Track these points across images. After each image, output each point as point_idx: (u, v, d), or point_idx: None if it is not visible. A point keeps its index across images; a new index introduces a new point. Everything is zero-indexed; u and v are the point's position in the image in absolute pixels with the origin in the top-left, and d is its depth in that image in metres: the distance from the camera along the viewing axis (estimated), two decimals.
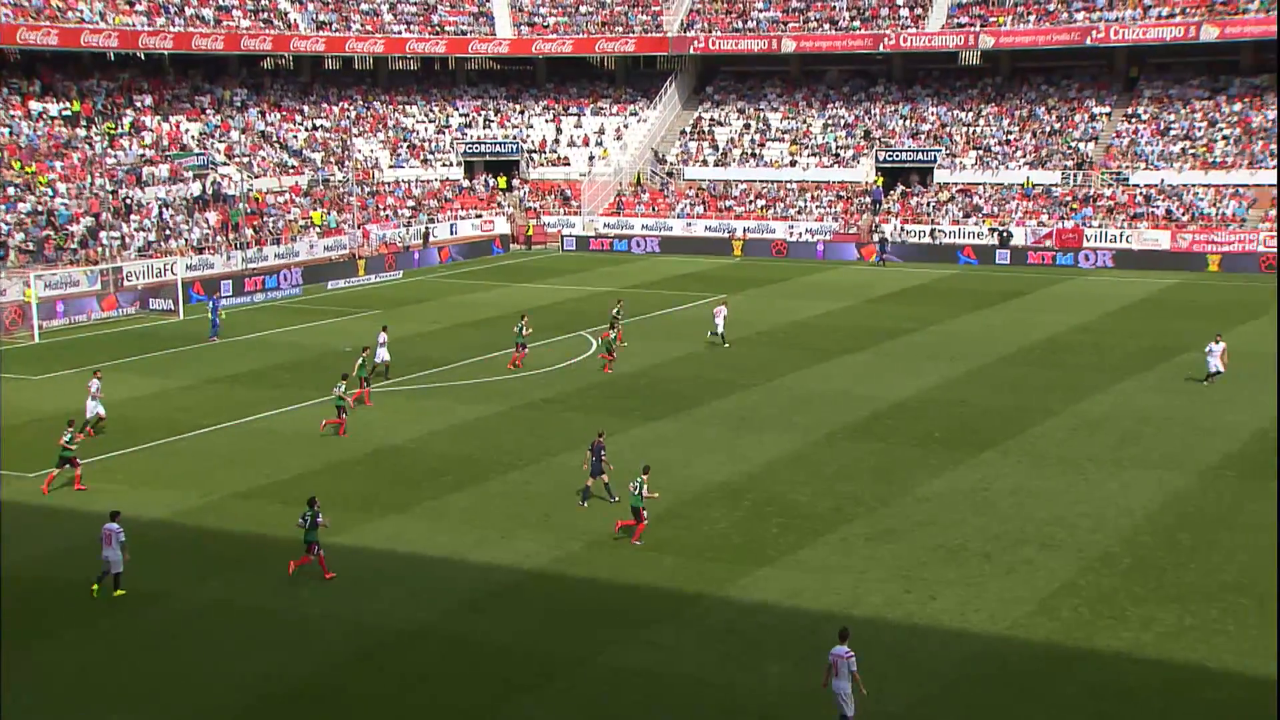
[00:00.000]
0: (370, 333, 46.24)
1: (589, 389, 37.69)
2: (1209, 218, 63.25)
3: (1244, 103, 69.24)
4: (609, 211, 77.17)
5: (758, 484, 28.30)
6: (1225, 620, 20.50)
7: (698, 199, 76.05)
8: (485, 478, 29.11)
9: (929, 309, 50.66)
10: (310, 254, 64.73)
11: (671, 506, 26.80)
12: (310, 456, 31.00)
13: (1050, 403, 34.69)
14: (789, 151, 77.56)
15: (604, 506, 26.87)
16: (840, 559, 23.67)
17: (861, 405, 34.95)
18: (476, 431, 33.28)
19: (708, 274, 63.47)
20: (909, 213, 70.25)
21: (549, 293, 58.05)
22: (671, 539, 24.94)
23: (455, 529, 25.72)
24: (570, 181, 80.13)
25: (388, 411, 35.55)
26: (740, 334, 46.07)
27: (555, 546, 24.62)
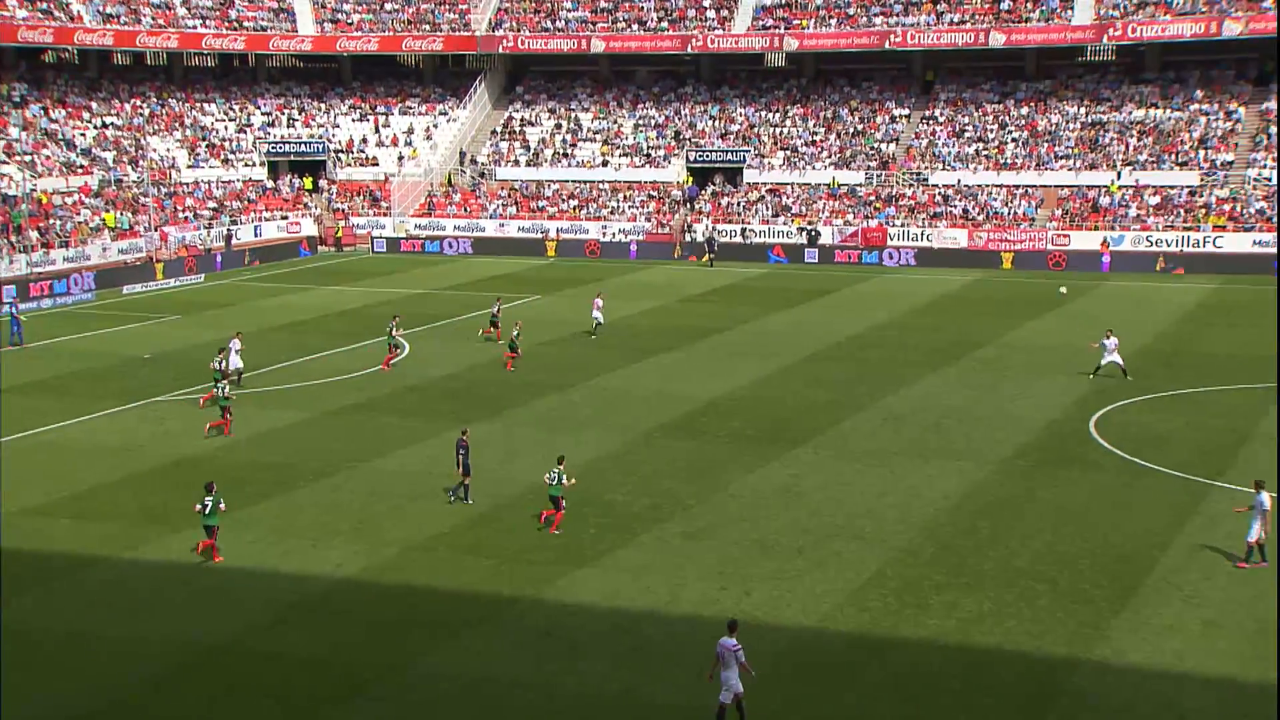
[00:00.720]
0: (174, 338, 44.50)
1: (402, 393, 37.11)
2: (1002, 217, 66.59)
3: (1030, 106, 73.18)
4: (420, 213, 76.16)
5: (576, 484, 28.35)
6: (1020, 604, 21.57)
7: (510, 199, 75.78)
8: (293, 486, 28.36)
9: (741, 307, 51.72)
10: (104, 257, 61.76)
11: (488, 510, 26.63)
12: (107, 468, 29.64)
13: (858, 398, 35.80)
14: (601, 152, 78.04)
15: (435, 511, 26.49)
16: (658, 558, 23.92)
17: (677, 404, 35.37)
18: (284, 439, 32.44)
19: (521, 275, 63.28)
20: (720, 212, 71.62)
21: (360, 295, 56.87)
22: (488, 542, 24.78)
23: (262, 539, 25.00)
24: (379, 182, 78.75)
25: (191, 420, 34.23)
26: (556, 334, 46.09)
27: (368, 554, 24.18)
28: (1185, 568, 22.83)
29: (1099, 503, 26.48)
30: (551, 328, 47.46)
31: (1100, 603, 21.50)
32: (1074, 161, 68.49)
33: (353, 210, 76.56)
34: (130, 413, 35.13)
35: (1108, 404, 34.21)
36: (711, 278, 60.70)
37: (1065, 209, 65.74)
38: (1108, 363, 36.97)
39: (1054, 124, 71.29)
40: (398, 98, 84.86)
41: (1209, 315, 48.17)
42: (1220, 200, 63.40)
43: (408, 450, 31.30)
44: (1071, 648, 19.90)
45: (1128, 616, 20.89)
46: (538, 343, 44.65)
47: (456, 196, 76.99)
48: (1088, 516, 25.66)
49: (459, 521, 25.95)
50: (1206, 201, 63.48)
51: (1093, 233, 63.51)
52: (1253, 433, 31.22)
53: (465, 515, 26.26)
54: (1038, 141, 70.53)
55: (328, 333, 47.14)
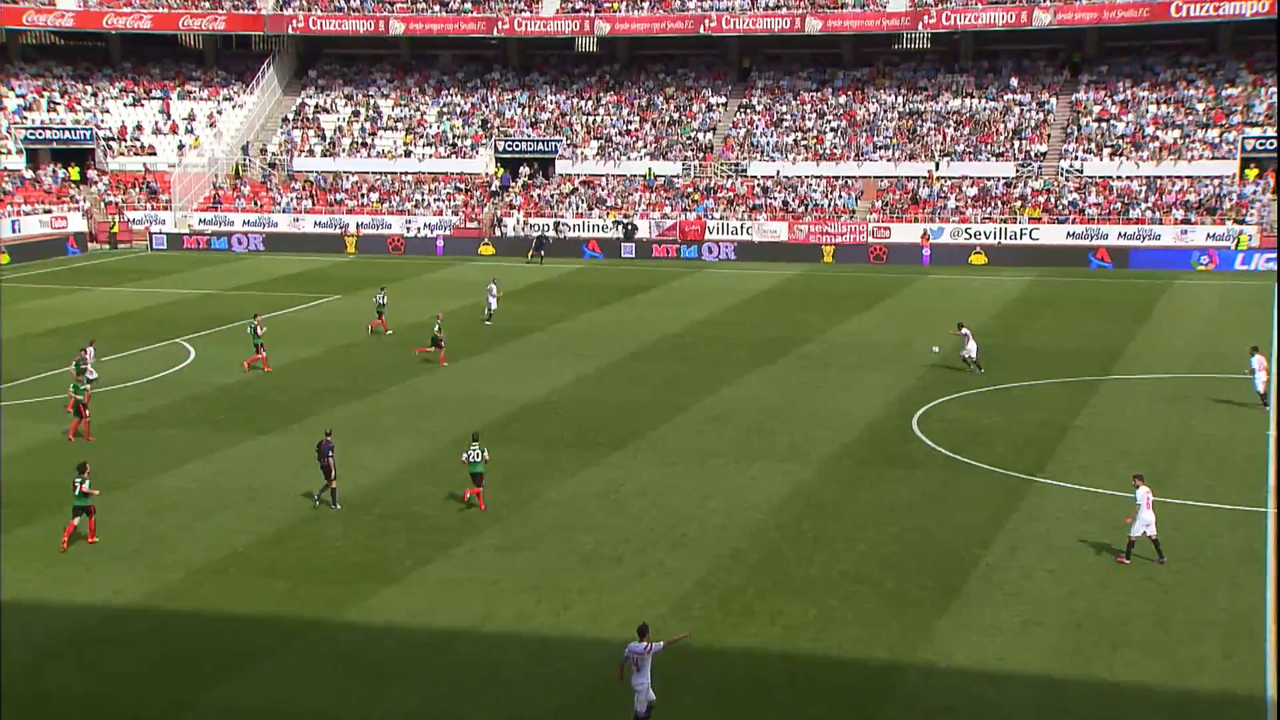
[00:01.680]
0: None
1: (186, 402, 35.91)
2: (822, 209, 68.58)
3: (848, 95, 75.58)
4: (205, 206, 73.77)
5: (382, 497, 27.96)
6: (845, 609, 22.19)
7: (305, 192, 74.12)
8: (63, 507, 27.08)
9: (556, 306, 51.81)
10: None
11: (284, 528, 25.99)
12: None
13: (679, 398, 36.25)
14: (403, 141, 77.09)
15: (225, 529, 25.64)
16: (470, 572, 23.76)
17: (490, 408, 35.23)
18: (52, 455, 31.04)
19: (319, 273, 61.96)
20: (531, 205, 71.61)
21: (138, 297, 54.71)
22: (285, 562, 24.18)
23: (28, 567, 23.84)
24: (158, 173, 75.97)
25: None
26: (359, 337, 45.31)
27: (150, 579, 23.29)
28: (1006, 565, 23.90)
29: (922, 501, 27.45)
30: (353, 330, 46.61)
31: (925, 604, 22.29)
32: (893, 152, 71.05)
33: (128, 204, 73.60)
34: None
35: (930, 400, 35.53)
36: (526, 274, 60.64)
37: (885, 200, 68.12)
38: (967, 355, 38.18)
39: (872, 113, 73.79)
40: (176, 81, 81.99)
41: (1027, 308, 50.62)
42: (1035, 192, 66.81)
43: (194, 464, 30.33)
44: (897, 652, 20.57)
45: (951, 617, 21.72)
46: (336, 346, 43.82)
47: (245, 189, 74.84)
48: (911, 516, 26.57)
49: (252, 540, 25.25)
50: (1023, 193, 66.79)
51: (913, 225, 66.01)
52: (1070, 426, 32.93)
53: (259, 534, 25.56)
54: (856, 131, 72.89)
55: (101, 338, 45.19)
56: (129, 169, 76.56)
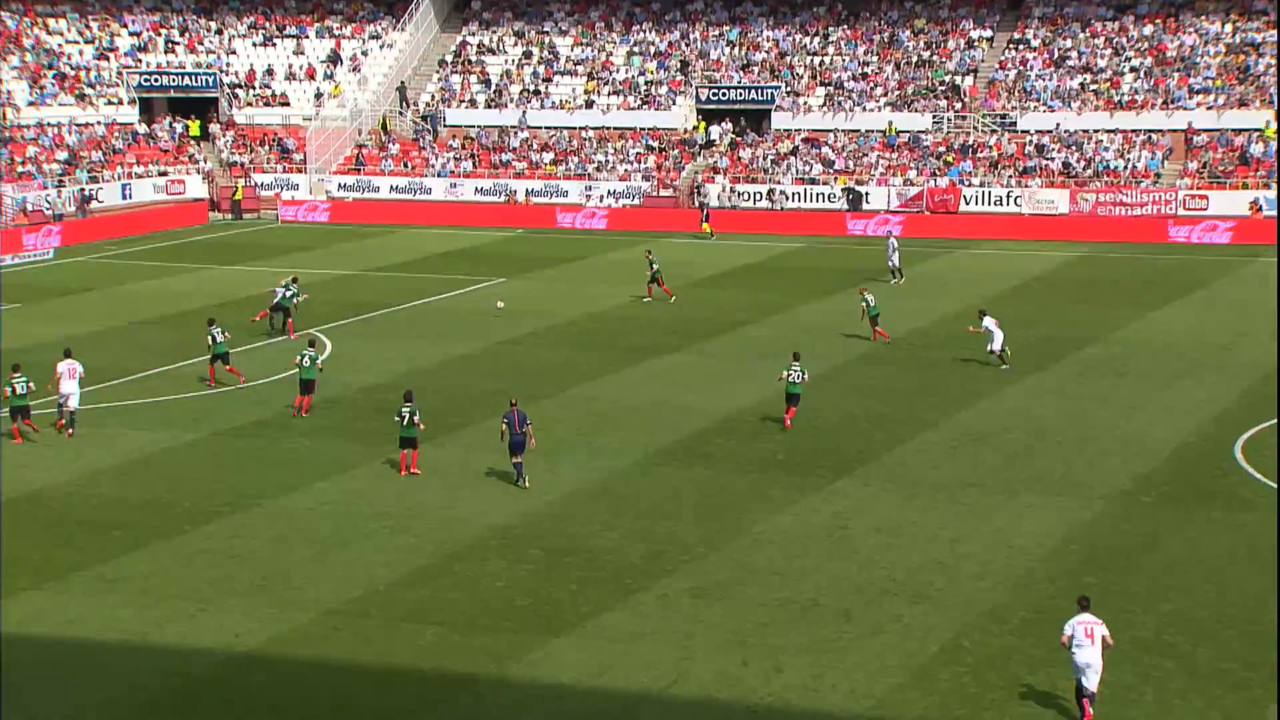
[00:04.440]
0: (12, 334, 44.58)
1: (320, 406, 37.11)
2: (1116, 173, 66.70)
3: (1156, 25, 73.28)
4: (345, 168, 76.32)
5: (549, 527, 28.35)
6: (1143, 686, 21.50)
7: (464, 151, 75.93)
8: (175, 531, 28.31)
9: (767, 294, 51.79)
10: None
11: (435, 562, 26.62)
12: None
13: (923, 412, 35.81)
14: (584, 89, 78.19)
15: (365, 561, 26.46)
16: (658, 623, 23.90)
17: (682, 420, 35.40)
18: (161, 468, 32.37)
19: (480, 250, 63.30)
20: (740, 168, 71.77)
21: (263, 278, 56.85)
22: (434, 604, 24.76)
23: (133, 602, 24.91)
24: (291, 127, 78.90)
25: (32, 443, 34.15)
26: (523, 330, 46.12)
27: (276, 620, 24.14)
28: None
29: (1247, 554, 26.47)
30: (520, 321, 47.47)
31: (1253, 688, 21.45)
32: (1215, 97, 68.59)
33: (255, 165, 76.66)
34: None
35: (1259, 421, 34.24)
36: (730, 255, 60.76)
37: (1202, 161, 65.83)
38: (994, 348, 39.48)
39: (1188, 47, 71.39)
40: (313, 16, 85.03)
41: None
42: None
43: (328, 482, 31.28)
44: None
45: None
46: (498, 340, 44.70)
47: (394, 147, 77.15)
48: (1232, 572, 25.65)
49: (397, 576, 25.93)
50: None
51: (1239, 193, 63.63)
52: None
53: (405, 568, 26.24)
54: (1166, 71, 70.65)
55: (221, 327, 47.14)
56: (257, 122, 79.72)
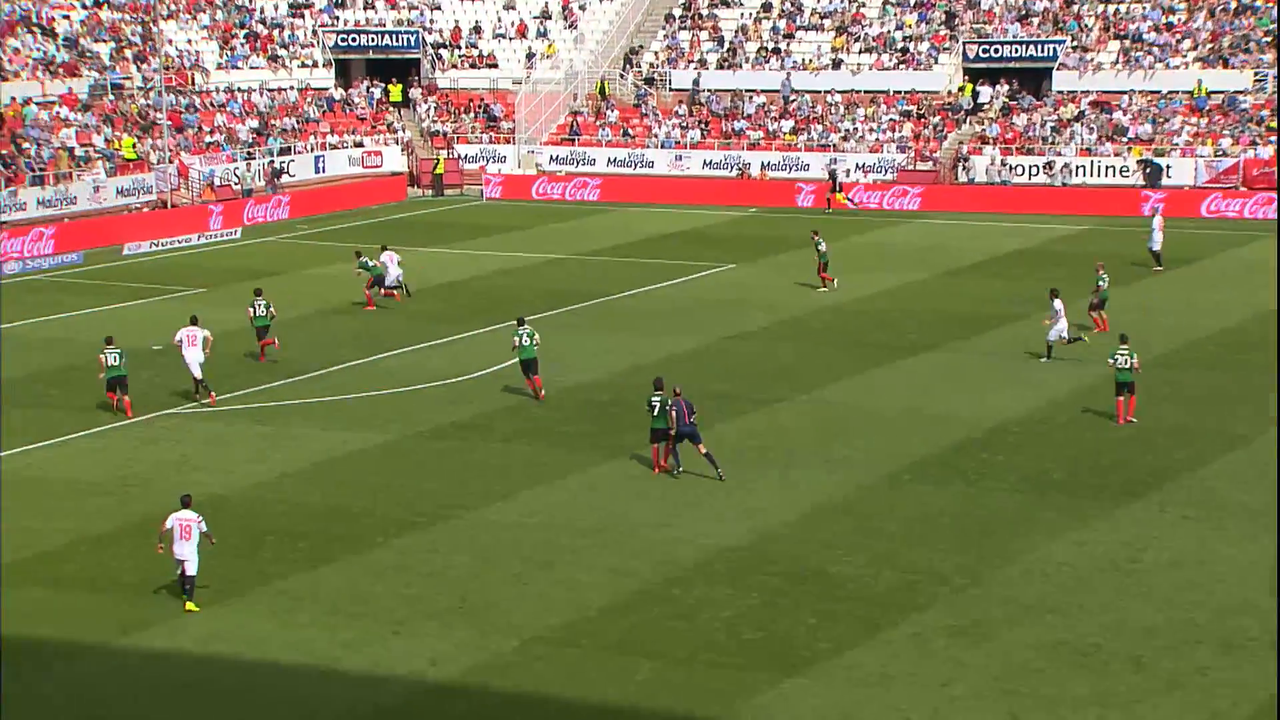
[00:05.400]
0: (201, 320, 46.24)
1: (523, 406, 37.55)
2: None
3: None
4: (558, 138, 77.20)
5: (783, 550, 28.24)
6: None
7: (692, 119, 76.16)
8: (367, 543, 28.94)
9: (1040, 284, 50.64)
10: (95, 201, 64.49)
11: (651, 586, 26.70)
12: (94, 514, 30.77)
13: (1234, 424, 34.87)
14: (831, 46, 77.76)
15: (575, 584, 26.74)
16: (909, 664, 23.62)
17: (938, 430, 35.06)
18: (352, 473, 33.14)
19: (707, 232, 63.42)
20: (1013, 137, 70.51)
21: (466, 262, 57.94)
22: (650, 634, 24.83)
23: (320, 622, 25.52)
24: (499, 92, 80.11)
25: (212, 442, 35.28)
26: (753, 323, 46.10)
27: (475, 647, 24.48)
28: None
29: None
30: (751, 314, 47.42)
31: None
32: None
33: (459, 134, 78.03)
34: (129, 432, 36.40)
35: None
36: (994, 240, 59.76)
37: None
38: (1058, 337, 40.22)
39: None
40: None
41: None
42: None
43: (532, 492, 31.69)
44: None
45: None
46: (725, 335, 44.75)
47: (612, 115, 77.81)
48: None
49: (609, 601, 26.08)
50: None
51: None
52: None
53: (618, 592, 26.37)
54: None
55: (417, 317, 48.11)
56: (462, 86, 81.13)
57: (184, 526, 26.00)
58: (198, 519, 26.19)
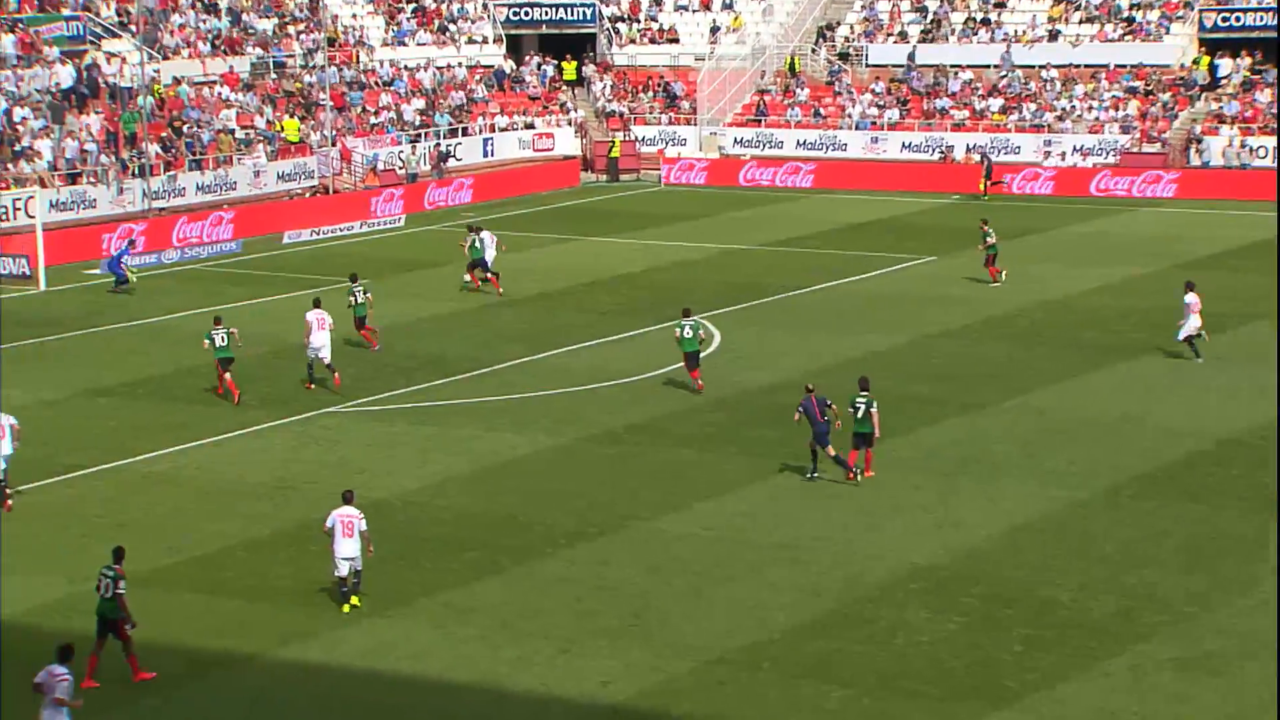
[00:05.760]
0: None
1: (702, 408, 37.59)
2: None
3: None
4: (743, 119, 77.16)
5: (988, 570, 27.99)
6: None
7: (890, 98, 75.68)
8: (535, 554, 29.18)
9: None
10: (256, 186, 65.71)
11: (842, 606, 26.56)
12: (250, 517, 31.38)
13: None
14: (1047, 15, 76.76)
15: (758, 602, 26.75)
16: (1130, 700, 23.24)
17: (1164, 442, 34.54)
18: (519, 478, 33.47)
19: (906, 221, 63.02)
20: (1254, 115, 68.99)
21: (642, 252, 58.15)
22: (839, 659, 24.70)
23: (485, 637, 25.77)
24: (680, 69, 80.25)
25: (372, 444, 35.82)
26: (957, 320, 45.80)
27: (649, 668, 24.54)
28: None
29: None
30: (953, 310, 47.10)
31: None
32: None
33: (637, 115, 78.29)
34: (287, 430, 37.15)
35: None
36: (1233, 231, 58.56)
37: None
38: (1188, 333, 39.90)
39: None
40: None
41: None
42: None
43: (712, 502, 31.70)
44: None
45: None
46: (927, 333, 44.49)
47: (803, 93, 77.61)
48: None
49: (793, 622, 25.99)
50: None
51: None
52: None
53: (803, 613, 26.27)
54: None
55: (589, 311, 48.38)
56: (640, 63, 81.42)
57: (346, 523, 26.51)
58: (359, 515, 26.65)
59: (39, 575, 28.48)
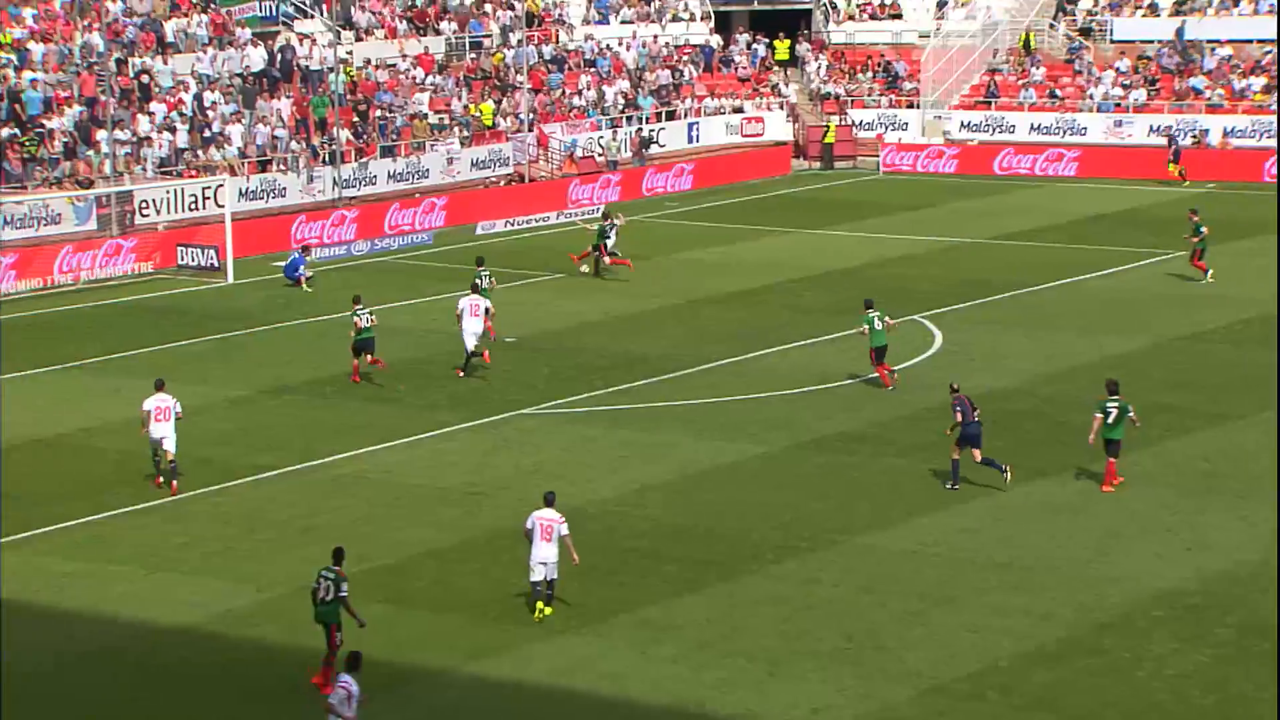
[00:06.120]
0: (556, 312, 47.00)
1: (923, 417, 37.35)
2: None
3: None
4: (971, 101, 76.44)
5: (1241, 597, 27.52)
6: None
7: (1137, 77, 74.43)
8: (740, 570, 29.14)
9: None
10: (449, 174, 66.38)
11: (1078, 634, 26.13)
12: (434, 526, 31.79)
13: None
14: None
15: (978, 626, 26.53)
16: None
17: None
18: (724, 488, 33.46)
19: (1149, 213, 62.02)
20: None
21: (859, 245, 57.89)
22: (1073, 692, 24.32)
23: (686, 658, 25.77)
24: (903, 48, 79.76)
25: (568, 448, 36.10)
26: (1206, 322, 45.00)
27: (864, 695, 24.42)
28: None
29: None
30: (1211, 309, 46.21)
31: None
32: None
33: (855, 98, 77.88)
34: (479, 433, 37.48)
35: None
36: None
37: None
38: None
39: None
40: None
41: None
42: None
43: (930, 517, 31.49)
44: None
45: None
46: (1173, 337, 43.73)
47: (1038, 73, 76.64)
48: None
49: (1023, 649, 25.66)
50: None
51: None
52: None
53: (1033, 640, 25.92)
54: None
55: (799, 309, 48.30)
56: (858, 41, 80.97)
57: (545, 526, 26.76)
58: (560, 519, 26.87)
59: (226, 580, 29.06)
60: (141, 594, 28.42)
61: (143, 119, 60.74)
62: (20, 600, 28.12)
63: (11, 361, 43.41)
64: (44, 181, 57.11)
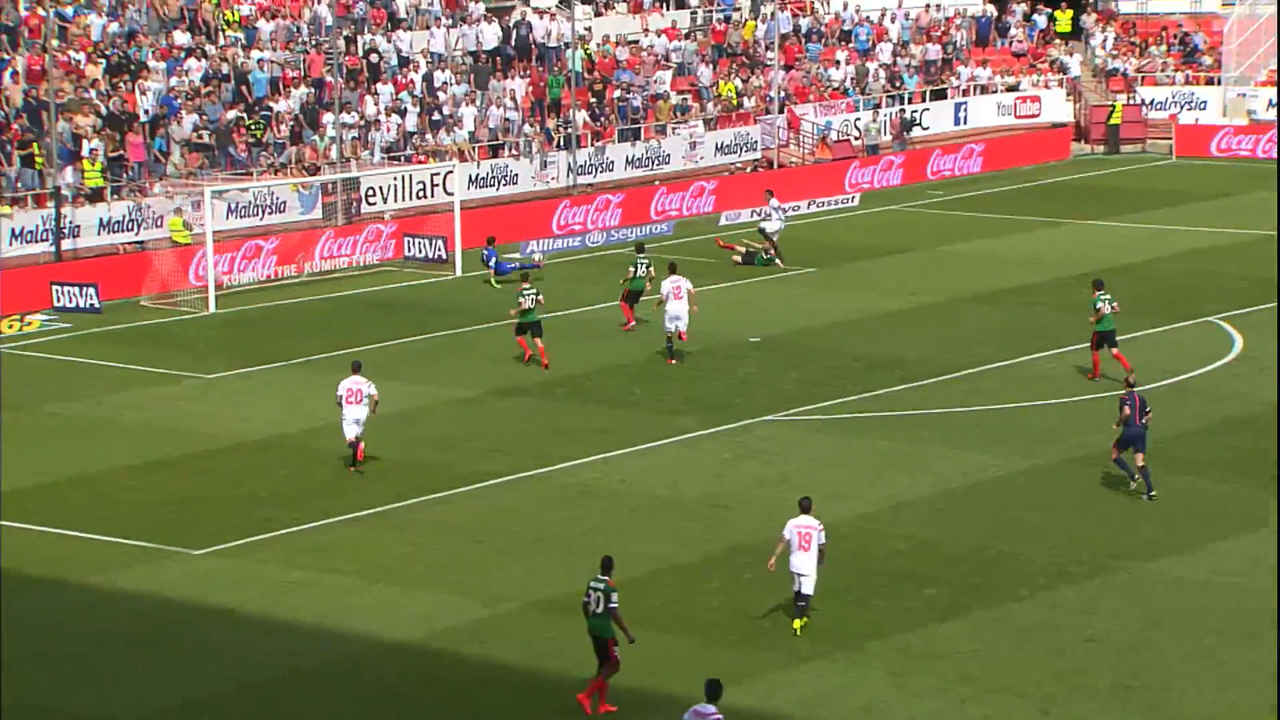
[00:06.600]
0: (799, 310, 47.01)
1: (1218, 430, 36.83)
2: None
3: None
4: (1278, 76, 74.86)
5: None
6: None
7: None
8: (1008, 596, 29.05)
9: None
10: (691, 160, 66.49)
11: None
12: (672, 540, 32.04)
13: None
14: None
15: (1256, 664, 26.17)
16: None
17: None
18: (988, 505, 33.36)
19: None
20: None
21: (1149, 238, 57.13)
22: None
23: (947, 691, 25.76)
24: (1203, 18, 78.26)
25: (817, 459, 36.22)
26: None
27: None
28: None
29: None
30: None
31: None
32: None
33: (1145, 75, 76.64)
34: (721, 440, 37.71)
35: None
36: None
37: None
38: None
39: None
40: None
41: None
42: None
43: (1229, 543, 31.08)
44: None
45: None
46: None
47: None
48: None
49: None
50: None
51: None
52: None
53: None
54: None
55: (1077, 310, 47.75)
56: (1152, 10, 79.56)
57: (803, 535, 27.15)
58: (819, 527, 27.24)
59: (453, 594, 29.61)
60: (364, 606, 29.04)
61: (370, 101, 61.80)
62: (243, 609, 28.93)
63: (229, 358, 44.52)
64: (269, 167, 58.22)
